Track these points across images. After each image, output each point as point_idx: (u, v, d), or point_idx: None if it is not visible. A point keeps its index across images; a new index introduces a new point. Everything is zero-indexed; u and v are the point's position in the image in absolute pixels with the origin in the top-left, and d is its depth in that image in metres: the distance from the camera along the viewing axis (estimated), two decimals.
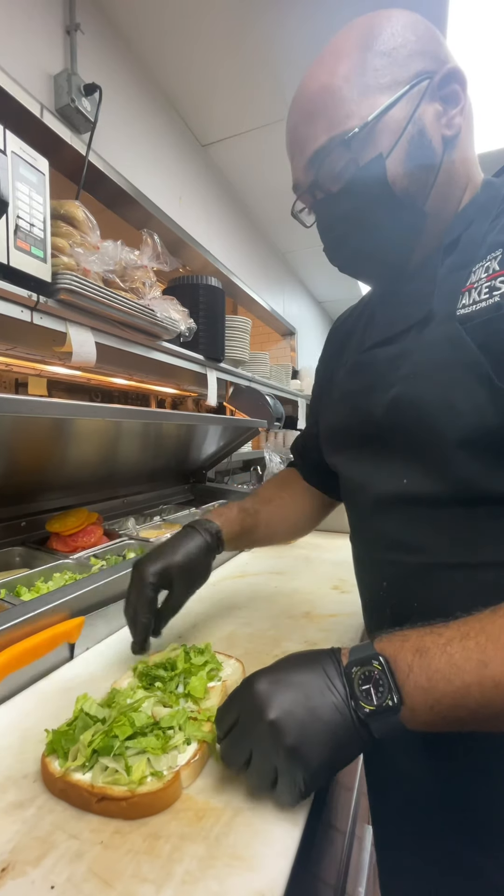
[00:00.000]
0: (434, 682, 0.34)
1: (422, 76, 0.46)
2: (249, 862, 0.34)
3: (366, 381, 0.53)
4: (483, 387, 0.40)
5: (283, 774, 0.36)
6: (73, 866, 0.34)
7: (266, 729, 0.36)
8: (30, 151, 0.85)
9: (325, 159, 0.49)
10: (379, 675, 0.36)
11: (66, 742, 0.42)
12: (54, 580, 0.81)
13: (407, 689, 0.35)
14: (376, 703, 0.35)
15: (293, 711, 0.36)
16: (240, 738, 0.38)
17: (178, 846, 0.35)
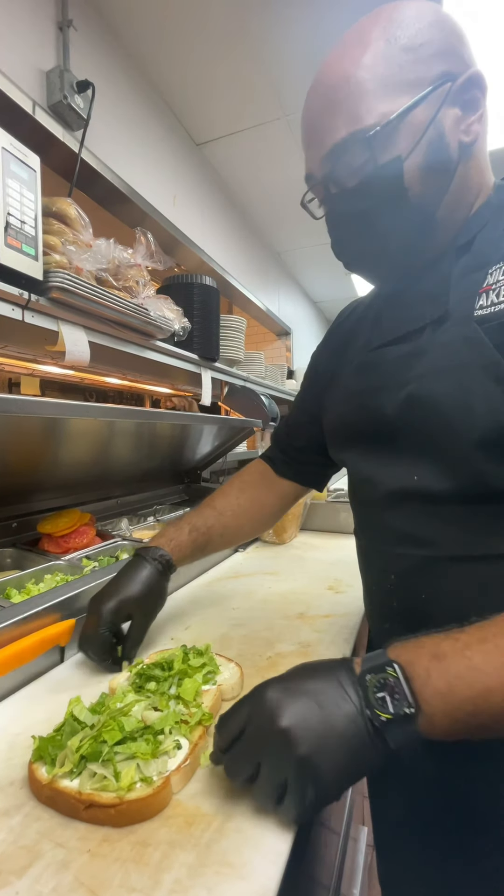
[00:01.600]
0: (454, 688, 0.33)
1: (445, 78, 0.45)
2: (240, 869, 0.33)
3: (375, 380, 0.53)
4: (500, 387, 0.40)
5: (293, 787, 0.34)
6: (60, 876, 0.33)
7: (278, 738, 0.35)
8: (20, 147, 0.84)
9: (342, 154, 0.47)
10: (394, 682, 0.35)
11: (53, 748, 0.41)
12: (45, 582, 0.80)
13: (425, 696, 0.34)
14: (393, 712, 0.34)
15: (307, 720, 0.35)
16: (247, 747, 0.37)
17: (168, 854, 0.34)
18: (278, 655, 0.64)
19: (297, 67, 1.53)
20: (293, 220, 2.57)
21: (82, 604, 0.68)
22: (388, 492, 0.51)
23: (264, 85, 1.61)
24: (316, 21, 1.36)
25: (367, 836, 0.98)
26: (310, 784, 0.34)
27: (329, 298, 4.00)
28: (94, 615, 0.58)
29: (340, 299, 4.02)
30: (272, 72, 1.55)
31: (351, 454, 0.60)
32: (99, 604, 0.58)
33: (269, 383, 2.27)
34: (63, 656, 0.63)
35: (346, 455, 0.61)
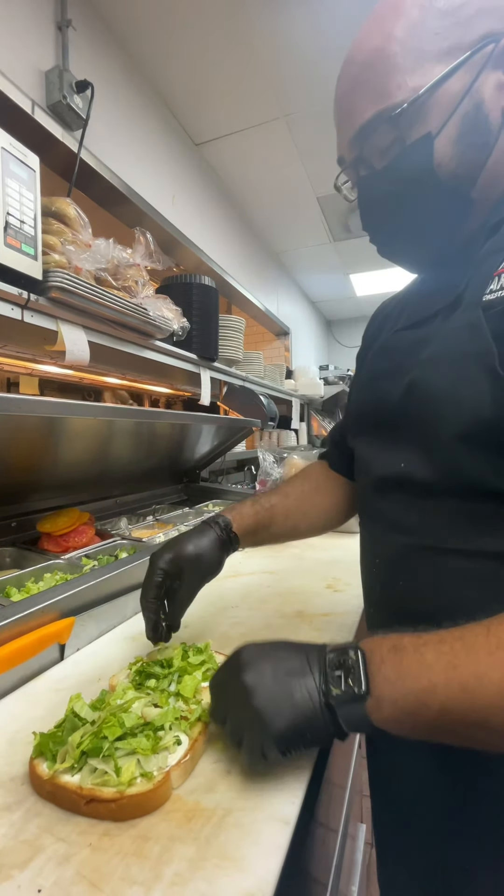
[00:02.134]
0: (402, 677, 0.35)
1: (487, 40, 0.41)
2: (239, 863, 0.34)
3: (390, 364, 0.53)
4: (487, 378, 0.38)
5: (247, 735, 0.39)
6: (61, 869, 0.33)
7: (240, 688, 0.39)
8: (20, 147, 0.85)
9: (370, 135, 0.45)
10: (352, 663, 0.37)
11: (53, 744, 0.41)
12: (45, 581, 0.80)
13: (376, 681, 0.35)
14: (343, 689, 0.36)
15: (265, 679, 0.39)
16: (220, 695, 0.43)
17: (168, 847, 0.35)
18: None
19: (295, 68, 1.54)
20: (292, 221, 2.57)
21: (82, 602, 0.68)
22: (379, 477, 0.52)
23: (263, 85, 1.61)
24: (315, 21, 1.37)
25: (365, 833, 0.98)
26: (258, 735, 0.38)
27: (328, 298, 4.01)
28: (150, 567, 0.60)
29: (339, 299, 4.02)
30: (271, 72, 1.56)
31: (360, 440, 0.60)
32: (157, 557, 0.60)
33: (267, 383, 2.28)
34: (63, 654, 0.63)
35: (357, 441, 0.61)
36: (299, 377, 2.97)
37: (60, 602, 0.64)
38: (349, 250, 2.95)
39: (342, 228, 2.65)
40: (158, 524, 1.25)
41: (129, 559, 0.81)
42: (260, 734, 0.37)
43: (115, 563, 0.79)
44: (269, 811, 0.38)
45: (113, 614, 0.73)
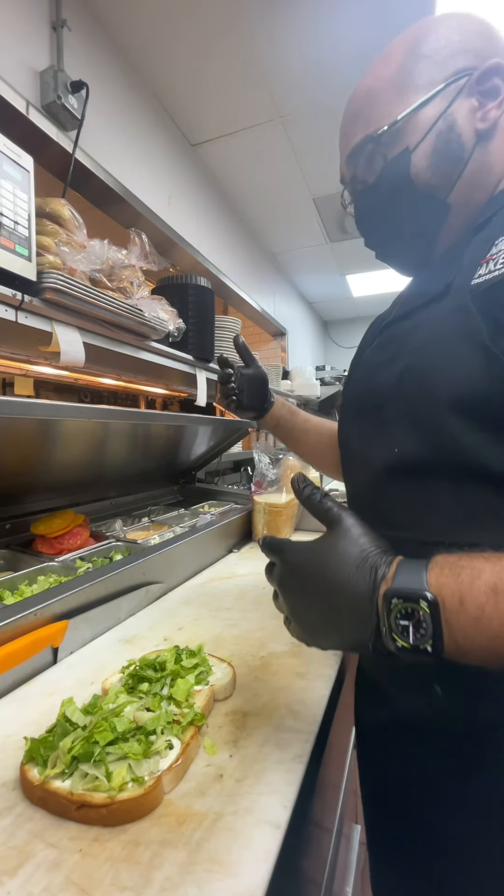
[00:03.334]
0: (482, 631, 0.31)
1: (461, 74, 0.49)
2: (230, 867, 0.34)
3: (385, 356, 0.55)
4: (478, 353, 0.40)
5: (294, 628, 0.43)
6: (51, 875, 0.33)
7: (289, 591, 0.42)
8: (13, 148, 0.84)
9: (359, 155, 0.54)
10: (423, 616, 0.32)
11: (44, 749, 0.41)
12: (39, 583, 0.80)
13: (460, 636, 0.32)
14: (412, 643, 0.33)
15: (312, 614, 0.40)
16: (282, 587, 0.43)
17: (159, 852, 0.35)
18: (271, 655, 0.65)
19: (291, 70, 1.54)
20: (288, 222, 2.57)
21: (75, 605, 0.68)
22: (375, 468, 0.52)
23: (259, 86, 1.61)
24: (310, 23, 1.37)
25: (360, 834, 0.98)
26: (304, 639, 0.42)
27: (324, 299, 4.01)
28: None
29: (336, 300, 4.03)
30: (267, 73, 1.56)
31: (349, 431, 0.62)
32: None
33: None
34: (56, 657, 0.63)
35: (345, 433, 0.63)
36: (296, 378, 2.97)
37: (54, 605, 0.63)
38: (345, 251, 2.95)
39: (338, 229, 2.65)
40: (154, 525, 1.25)
41: (123, 561, 0.81)
42: (305, 639, 0.41)
43: (109, 566, 0.79)
44: (260, 815, 0.38)
45: (106, 617, 0.73)
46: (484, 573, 0.32)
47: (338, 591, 0.37)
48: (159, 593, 0.87)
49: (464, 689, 0.44)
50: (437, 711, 0.46)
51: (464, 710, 0.45)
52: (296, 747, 0.46)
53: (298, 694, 0.55)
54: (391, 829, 0.57)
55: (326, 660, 0.63)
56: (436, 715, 0.47)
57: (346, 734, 0.85)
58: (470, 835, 0.46)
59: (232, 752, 0.45)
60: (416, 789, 0.51)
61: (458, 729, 0.46)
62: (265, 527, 1.25)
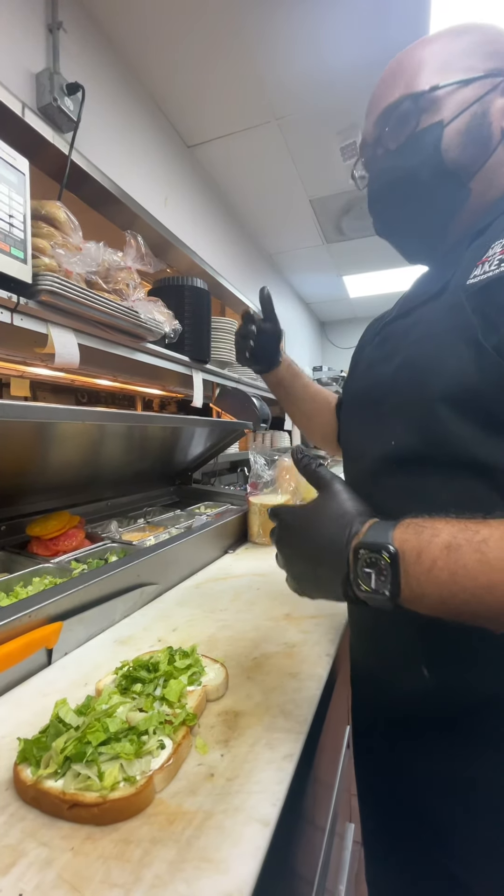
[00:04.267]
0: (455, 581, 0.34)
1: (497, 73, 0.51)
2: (219, 864, 0.34)
3: (384, 352, 0.56)
4: (470, 348, 0.42)
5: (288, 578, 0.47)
6: (43, 873, 0.34)
7: (281, 546, 0.47)
8: (9, 151, 0.85)
9: (392, 114, 0.54)
10: (385, 566, 0.37)
11: (38, 750, 0.41)
12: (34, 585, 0.80)
13: (415, 585, 0.36)
14: (373, 588, 0.38)
15: (300, 563, 0.45)
16: (279, 541, 0.48)
17: (149, 850, 0.35)
18: (264, 656, 0.65)
19: (287, 73, 1.54)
20: (285, 223, 2.58)
21: (70, 606, 0.68)
22: (372, 462, 0.53)
23: (255, 88, 1.62)
24: (307, 25, 1.37)
25: (353, 832, 0.99)
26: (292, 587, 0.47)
27: (321, 300, 4.02)
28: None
29: (332, 301, 4.04)
30: (263, 75, 1.56)
31: (348, 426, 0.63)
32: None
33: (260, 384, 2.28)
34: (50, 658, 0.64)
35: (345, 427, 0.65)
36: None
37: (48, 606, 0.64)
38: (342, 252, 2.96)
39: (335, 230, 2.66)
40: (149, 527, 1.25)
41: (118, 563, 0.82)
42: (298, 590, 0.46)
43: (104, 567, 0.79)
44: (250, 813, 0.39)
45: (101, 618, 0.73)
46: (442, 533, 0.36)
47: (320, 544, 0.42)
48: (154, 594, 0.88)
49: (449, 670, 0.46)
50: (426, 692, 0.48)
51: (447, 689, 0.47)
52: (286, 746, 0.47)
53: (290, 694, 0.56)
54: (387, 825, 0.58)
55: (319, 660, 0.64)
56: (423, 697, 0.49)
57: (339, 733, 0.86)
58: (467, 826, 0.47)
59: (223, 752, 0.46)
60: (412, 783, 0.52)
61: (449, 716, 0.47)
62: (261, 527, 1.26)
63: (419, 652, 0.49)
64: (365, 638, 0.60)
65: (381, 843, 0.61)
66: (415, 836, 0.52)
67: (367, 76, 1.52)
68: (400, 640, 0.52)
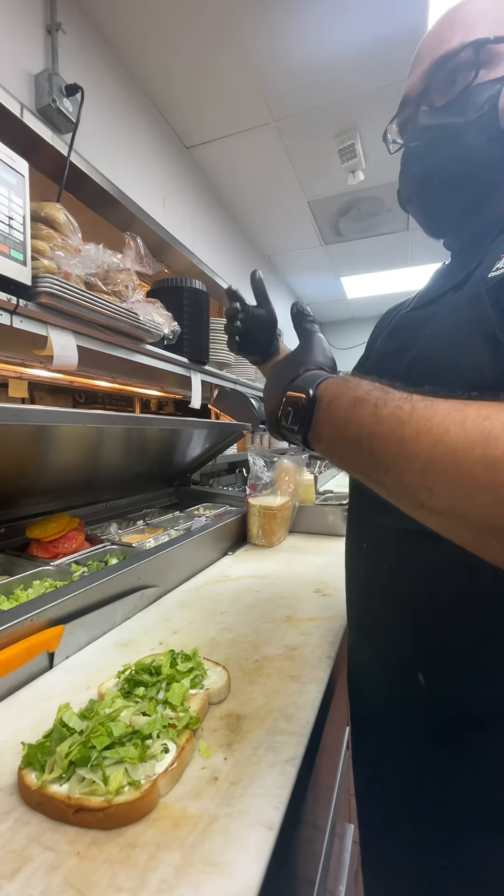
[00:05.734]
0: (350, 424, 0.37)
1: None
2: (224, 868, 0.34)
3: (395, 344, 0.55)
4: (487, 343, 0.40)
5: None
6: (49, 878, 0.34)
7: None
8: (8, 153, 0.84)
9: (446, 64, 0.48)
10: (302, 406, 0.42)
11: (42, 754, 0.42)
12: (34, 588, 0.80)
13: (319, 425, 0.41)
14: (287, 426, 0.44)
15: (266, 389, 0.52)
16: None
17: (155, 855, 0.36)
18: (265, 659, 0.66)
19: (286, 74, 1.55)
20: (283, 224, 2.58)
21: (71, 609, 0.68)
22: None
23: (254, 90, 1.62)
24: (306, 30, 1.38)
25: (353, 833, 1.00)
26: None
27: (319, 300, 4.03)
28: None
29: (330, 301, 4.05)
30: (262, 77, 1.57)
31: None
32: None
33: (259, 385, 2.28)
34: (52, 662, 0.64)
35: None
36: None
37: (50, 610, 0.64)
38: (340, 253, 2.97)
39: (333, 232, 2.67)
40: (149, 529, 1.25)
41: (119, 565, 0.82)
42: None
43: (105, 570, 0.79)
44: (254, 817, 0.39)
45: (102, 621, 0.74)
46: (360, 389, 0.39)
47: (274, 379, 0.50)
48: (154, 597, 0.88)
49: (446, 679, 0.46)
50: (422, 700, 0.48)
51: (443, 698, 0.47)
52: (289, 750, 0.47)
53: (292, 697, 0.56)
54: (384, 828, 0.58)
55: (319, 663, 0.65)
56: (420, 705, 0.49)
57: (339, 735, 0.86)
58: (461, 833, 0.47)
59: (226, 756, 0.46)
60: (408, 787, 0.53)
61: (446, 727, 0.47)
62: (260, 529, 1.26)
63: (416, 659, 0.49)
64: (364, 642, 0.60)
65: (378, 848, 0.61)
66: (411, 842, 0.52)
67: (366, 78, 1.53)
68: (398, 646, 0.52)
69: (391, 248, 2.89)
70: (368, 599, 0.58)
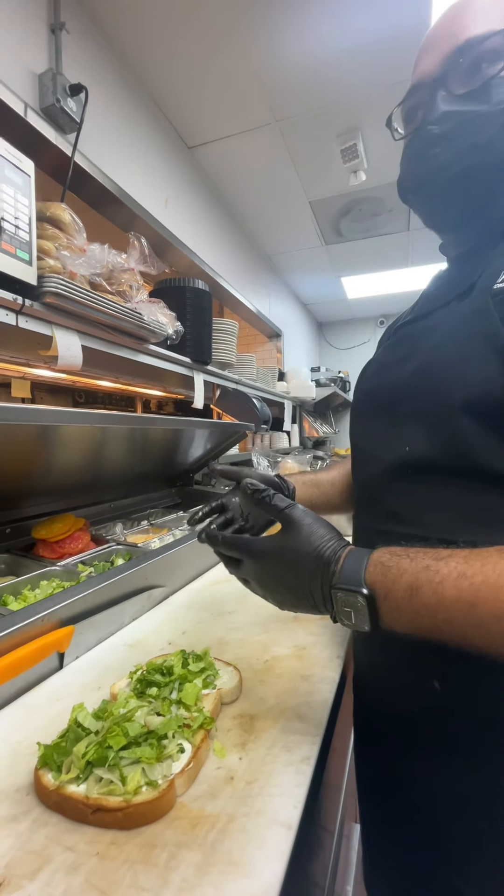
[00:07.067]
0: (419, 617, 0.37)
1: None
2: (244, 868, 0.35)
3: (398, 354, 0.55)
4: (497, 358, 0.40)
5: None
6: (70, 879, 0.34)
7: (258, 584, 0.47)
8: (15, 153, 0.84)
9: (471, 51, 0.45)
10: (361, 608, 0.40)
11: (58, 755, 0.41)
12: (41, 588, 0.80)
13: (386, 621, 0.39)
14: (354, 623, 0.41)
15: (278, 598, 0.46)
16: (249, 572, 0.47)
17: (175, 854, 0.36)
18: (274, 659, 0.66)
19: (288, 75, 1.55)
20: (284, 224, 2.58)
21: (80, 610, 0.68)
22: (384, 465, 0.52)
23: (256, 90, 1.62)
24: (307, 28, 1.38)
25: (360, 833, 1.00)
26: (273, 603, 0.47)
27: (319, 300, 4.03)
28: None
29: (330, 301, 4.05)
30: (264, 79, 1.57)
31: (359, 427, 0.61)
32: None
33: (260, 385, 2.29)
34: (62, 662, 0.64)
35: (356, 428, 0.63)
36: (291, 379, 2.98)
37: (60, 610, 0.64)
38: (340, 253, 2.97)
39: (334, 232, 2.67)
40: (153, 529, 1.25)
41: (126, 566, 0.82)
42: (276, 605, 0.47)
43: (113, 570, 0.79)
44: (272, 816, 0.39)
45: (111, 621, 0.73)
46: (405, 575, 0.38)
47: (298, 589, 0.44)
48: (161, 597, 0.88)
49: (462, 685, 0.46)
50: (436, 706, 0.48)
51: (459, 704, 0.47)
52: (303, 749, 0.47)
53: (304, 697, 0.56)
54: (388, 832, 0.58)
55: (329, 662, 0.65)
56: (433, 710, 0.49)
57: (346, 735, 0.86)
58: (462, 833, 0.47)
59: (241, 755, 0.46)
60: (416, 796, 0.52)
61: (450, 727, 0.47)
62: None
63: (431, 665, 0.48)
64: (372, 646, 0.59)
65: (380, 850, 0.61)
66: (415, 846, 0.51)
67: (368, 79, 1.53)
68: (412, 652, 0.51)
69: (392, 249, 2.90)
70: None
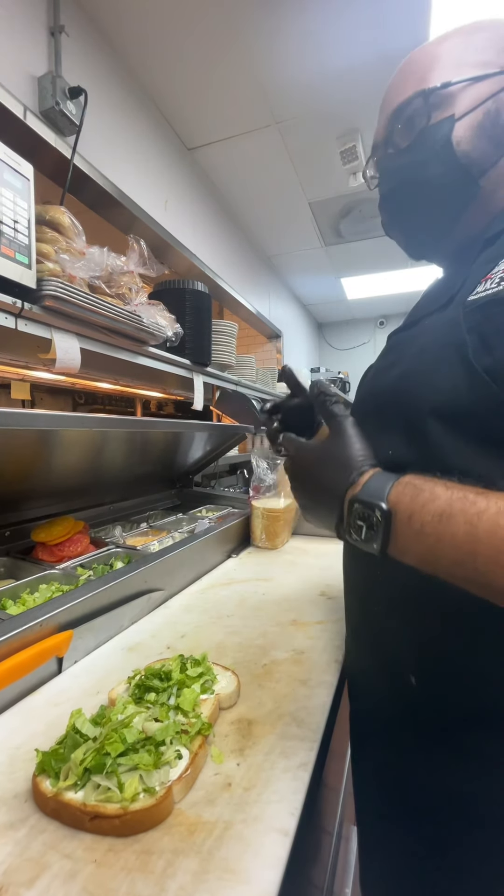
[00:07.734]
0: (440, 547, 0.35)
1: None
2: (241, 875, 0.35)
3: (388, 361, 0.57)
4: (463, 367, 0.41)
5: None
6: (68, 886, 0.34)
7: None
8: (14, 156, 0.84)
9: (403, 113, 0.54)
10: (376, 523, 0.38)
11: (56, 761, 0.42)
12: (40, 591, 0.80)
13: (402, 544, 0.38)
14: (362, 539, 0.40)
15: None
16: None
17: (172, 861, 0.36)
18: (273, 663, 0.66)
19: (288, 76, 1.55)
20: (284, 225, 2.59)
21: (79, 614, 0.68)
22: None
23: (256, 92, 1.62)
24: (307, 31, 1.38)
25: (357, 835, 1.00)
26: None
27: (319, 301, 4.03)
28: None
29: (330, 302, 4.05)
30: (264, 79, 1.57)
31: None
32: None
33: (259, 387, 2.29)
34: (61, 667, 0.64)
35: None
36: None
37: (59, 615, 0.64)
38: (340, 254, 2.97)
39: (333, 233, 2.67)
40: (152, 531, 1.25)
41: (125, 569, 0.82)
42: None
43: (112, 574, 0.79)
44: (269, 823, 0.39)
45: (110, 626, 0.74)
46: (439, 500, 0.37)
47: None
48: (160, 600, 0.88)
49: (436, 681, 0.47)
50: (414, 701, 0.49)
51: (438, 701, 0.47)
52: (301, 755, 0.47)
53: (302, 701, 0.57)
54: (380, 828, 0.58)
55: (328, 667, 0.65)
56: (413, 708, 0.50)
57: (344, 738, 0.87)
58: (457, 835, 0.47)
59: (239, 761, 0.46)
60: (403, 788, 0.53)
61: (439, 728, 0.48)
62: (263, 531, 1.26)
63: (409, 661, 0.49)
64: (360, 644, 0.60)
65: (375, 849, 0.62)
66: (410, 847, 0.52)
67: (368, 80, 1.53)
68: (391, 649, 0.52)
69: (391, 250, 2.89)
70: (363, 602, 0.58)
